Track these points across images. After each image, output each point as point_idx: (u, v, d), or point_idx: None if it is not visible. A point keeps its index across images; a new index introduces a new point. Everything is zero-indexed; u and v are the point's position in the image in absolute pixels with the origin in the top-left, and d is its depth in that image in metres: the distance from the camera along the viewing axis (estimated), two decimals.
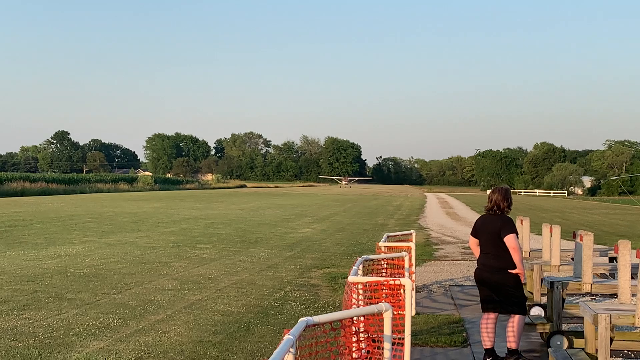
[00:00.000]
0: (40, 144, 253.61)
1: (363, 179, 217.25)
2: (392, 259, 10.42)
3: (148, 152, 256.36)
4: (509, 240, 8.84)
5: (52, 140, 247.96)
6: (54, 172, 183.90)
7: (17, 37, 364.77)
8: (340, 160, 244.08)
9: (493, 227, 9.02)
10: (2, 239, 24.25)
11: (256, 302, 13.05)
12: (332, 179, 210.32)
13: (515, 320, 8.96)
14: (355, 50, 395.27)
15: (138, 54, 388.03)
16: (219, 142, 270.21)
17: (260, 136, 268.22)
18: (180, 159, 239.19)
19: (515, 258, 8.84)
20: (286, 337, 4.52)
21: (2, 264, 17.74)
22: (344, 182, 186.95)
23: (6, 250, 20.83)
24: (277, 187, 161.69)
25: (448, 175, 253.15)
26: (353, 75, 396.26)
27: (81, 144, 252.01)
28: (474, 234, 9.41)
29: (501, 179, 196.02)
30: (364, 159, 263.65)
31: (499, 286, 8.94)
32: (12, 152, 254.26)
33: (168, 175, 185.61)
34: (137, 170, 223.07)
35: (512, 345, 8.96)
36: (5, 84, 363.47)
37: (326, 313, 6.09)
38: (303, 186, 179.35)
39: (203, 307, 12.44)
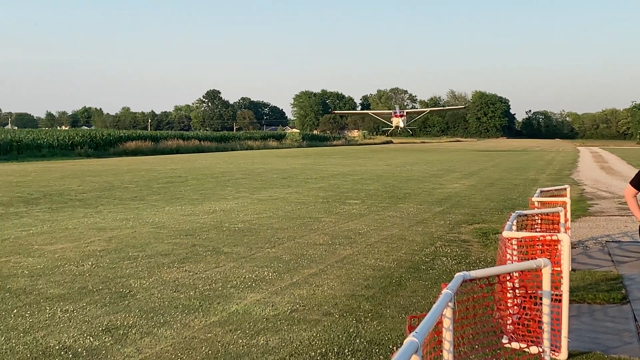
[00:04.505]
0: (192, 103, 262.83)
1: (431, 110, 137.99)
2: (547, 214, 10.18)
3: (295, 109, 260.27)
4: None
5: (204, 99, 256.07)
6: (206, 130, 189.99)
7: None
8: (488, 114, 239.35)
9: None
10: (160, 195, 25.31)
11: (407, 257, 13.05)
12: (368, 115, 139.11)
13: None
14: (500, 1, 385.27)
15: (284, 13, 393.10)
16: (364, 98, 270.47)
17: (405, 91, 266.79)
18: (327, 116, 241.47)
19: None
20: (444, 291, 4.51)
21: (162, 218, 18.52)
22: (394, 120, 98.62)
23: (165, 205, 21.73)
24: (424, 142, 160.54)
25: (602, 128, 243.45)
26: (500, 27, 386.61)
27: (231, 102, 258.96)
28: (635, 184, 9.00)
29: None
30: (512, 113, 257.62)
31: None
32: (166, 112, 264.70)
33: (315, 131, 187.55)
34: (284, 127, 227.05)
35: None
36: (159, 45, 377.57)
37: (478, 269, 6.03)
38: (450, 141, 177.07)
39: (354, 261, 12.56)
